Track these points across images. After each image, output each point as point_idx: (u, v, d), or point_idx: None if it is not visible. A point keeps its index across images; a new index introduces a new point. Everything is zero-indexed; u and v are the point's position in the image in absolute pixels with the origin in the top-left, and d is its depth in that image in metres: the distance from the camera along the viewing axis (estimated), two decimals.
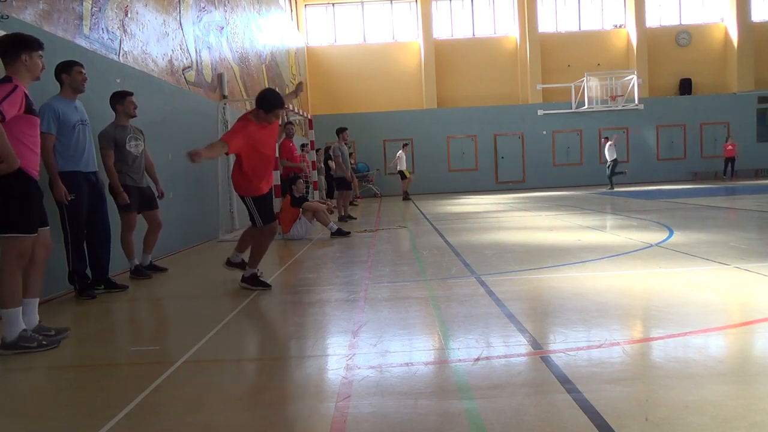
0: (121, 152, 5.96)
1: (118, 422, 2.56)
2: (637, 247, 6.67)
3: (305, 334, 3.92)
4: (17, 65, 3.72)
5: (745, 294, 4.40)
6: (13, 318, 3.60)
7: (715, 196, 14.43)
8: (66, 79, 5.05)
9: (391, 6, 24.98)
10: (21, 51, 3.72)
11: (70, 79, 5.06)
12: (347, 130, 12.67)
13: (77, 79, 5.08)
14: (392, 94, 24.46)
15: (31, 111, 3.72)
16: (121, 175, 6.02)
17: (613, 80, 22.84)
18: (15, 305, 3.62)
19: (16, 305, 3.62)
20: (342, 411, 2.54)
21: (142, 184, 6.30)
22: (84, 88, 5.19)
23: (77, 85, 5.11)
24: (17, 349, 3.60)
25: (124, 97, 6.05)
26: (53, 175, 4.93)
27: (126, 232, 6.14)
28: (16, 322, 3.61)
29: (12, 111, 3.50)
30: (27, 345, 3.62)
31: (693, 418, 2.30)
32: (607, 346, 3.25)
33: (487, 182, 23.55)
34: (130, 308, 5.17)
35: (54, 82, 5.06)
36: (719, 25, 24.73)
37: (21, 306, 3.67)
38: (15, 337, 3.60)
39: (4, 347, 3.61)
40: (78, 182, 5.12)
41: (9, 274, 3.59)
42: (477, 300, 4.48)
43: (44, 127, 4.63)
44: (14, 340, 3.60)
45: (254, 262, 5.38)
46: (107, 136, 5.91)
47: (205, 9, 10.86)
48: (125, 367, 3.49)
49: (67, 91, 5.07)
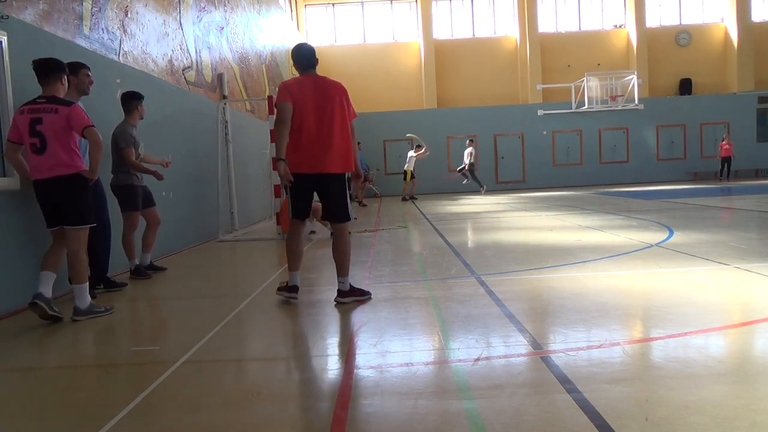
0: (136, 151, 6.05)
1: (118, 422, 2.57)
2: (637, 247, 6.67)
3: (305, 334, 3.92)
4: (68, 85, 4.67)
5: (745, 294, 4.40)
6: (85, 291, 4.53)
7: (715, 196, 14.42)
8: (73, 80, 5.03)
9: (391, 6, 24.99)
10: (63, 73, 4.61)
11: (77, 81, 5.10)
12: None
13: (84, 81, 5.15)
14: (392, 94, 24.47)
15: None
16: (128, 175, 6.10)
17: (613, 80, 22.84)
18: (85, 281, 4.55)
19: (85, 281, 4.55)
20: (342, 411, 2.54)
21: (143, 182, 6.35)
22: (90, 91, 5.26)
23: (83, 88, 5.18)
24: (90, 314, 4.51)
25: (141, 99, 6.20)
26: None
27: (128, 232, 6.18)
28: (87, 294, 4.54)
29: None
30: (97, 310, 4.57)
31: (693, 418, 2.30)
32: (607, 346, 3.25)
33: (487, 182, 23.51)
34: (130, 308, 5.17)
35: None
36: (719, 25, 24.74)
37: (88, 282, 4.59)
38: (87, 305, 4.52)
39: (80, 314, 4.47)
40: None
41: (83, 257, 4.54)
42: (477, 300, 4.48)
43: None
44: (88, 308, 4.52)
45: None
46: (126, 134, 5.99)
47: (205, 9, 10.86)
48: (125, 367, 3.49)
49: (72, 92, 5.04)
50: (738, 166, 22.46)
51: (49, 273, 4.46)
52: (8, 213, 4.87)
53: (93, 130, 4.42)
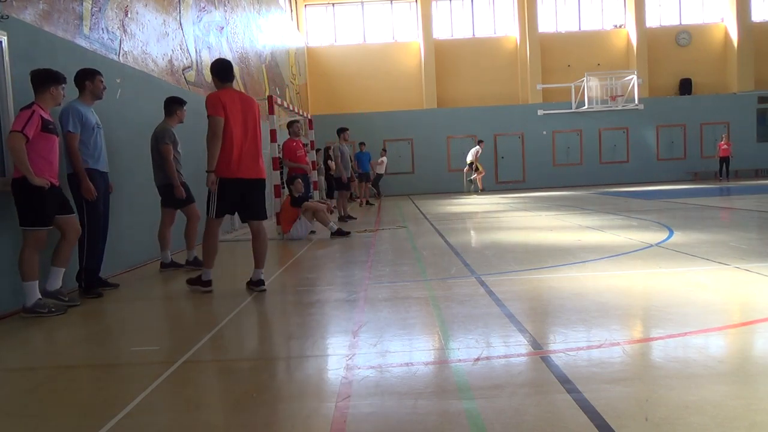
0: (175, 150, 6.60)
1: (118, 422, 2.56)
2: (637, 247, 6.67)
3: (305, 334, 3.92)
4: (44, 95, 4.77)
5: (745, 294, 4.40)
6: (31, 289, 4.60)
7: (715, 196, 14.42)
8: (89, 86, 5.38)
9: (391, 6, 24.98)
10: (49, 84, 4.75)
11: (93, 87, 5.41)
12: (348, 130, 12.67)
13: (99, 87, 5.46)
14: (392, 94, 24.46)
15: (47, 130, 4.67)
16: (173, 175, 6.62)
17: (613, 80, 22.84)
18: (32, 279, 4.60)
19: (33, 279, 4.60)
20: (342, 411, 2.54)
21: (183, 179, 6.79)
22: (103, 96, 5.56)
23: (98, 93, 5.48)
24: (33, 313, 4.58)
25: (183, 104, 6.81)
26: (80, 173, 5.23)
27: (164, 227, 6.74)
28: (33, 292, 4.61)
29: (30, 132, 4.54)
30: (40, 311, 4.60)
31: (693, 418, 2.30)
32: (607, 346, 3.25)
33: (487, 182, 23.53)
34: (130, 308, 5.16)
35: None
36: (719, 25, 24.73)
37: (37, 280, 4.62)
38: (32, 303, 4.60)
39: (24, 311, 4.61)
40: (96, 179, 5.38)
41: (28, 256, 4.61)
42: (477, 300, 4.48)
43: (70, 127, 5.15)
44: (31, 306, 4.60)
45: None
46: (168, 132, 6.57)
47: (205, 9, 10.86)
48: (125, 367, 3.49)
49: (87, 96, 5.40)
50: (738, 166, 22.46)
51: (53, 268, 4.90)
52: (8, 213, 4.87)
53: (11, 135, 4.52)
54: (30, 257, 4.63)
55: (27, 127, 4.51)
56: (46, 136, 4.69)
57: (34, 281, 4.63)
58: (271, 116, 9.77)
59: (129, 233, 6.94)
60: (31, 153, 4.57)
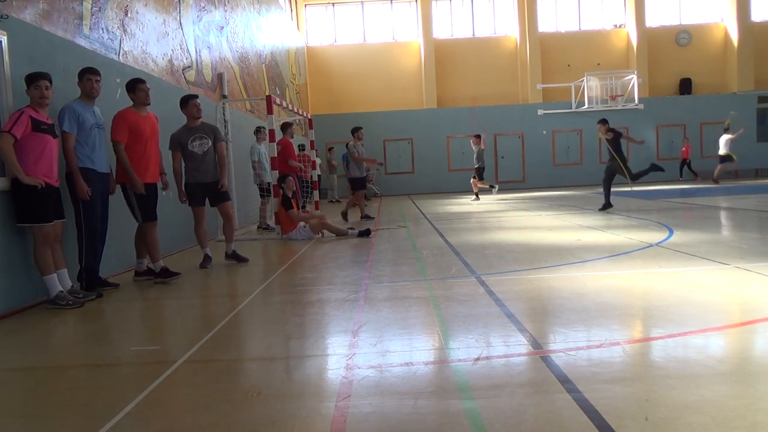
0: (185, 152, 6.76)
1: (118, 422, 2.57)
2: (637, 247, 6.67)
3: (305, 334, 3.92)
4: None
5: (745, 294, 4.40)
6: (50, 282, 4.85)
7: (715, 196, 14.42)
8: (80, 85, 5.45)
9: (391, 6, 24.97)
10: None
11: (83, 85, 5.44)
12: (362, 129, 12.62)
13: (87, 85, 5.45)
14: (392, 94, 24.44)
15: (40, 130, 4.76)
16: (186, 174, 6.81)
17: (613, 80, 22.82)
18: (49, 273, 4.82)
19: (49, 272, 4.82)
20: (342, 411, 2.54)
21: (207, 179, 6.83)
22: (94, 94, 5.50)
23: (88, 91, 5.47)
24: (54, 305, 4.83)
25: (187, 101, 6.85)
26: (74, 172, 5.24)
27: (196, 225, 6.95)
28: (53, 285, 4.86)
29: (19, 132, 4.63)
30: (59, 302, 4.84)
31: (693, 418, 2.30)
32: (607, 346, 3.25)
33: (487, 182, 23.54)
34: (130, 308, 5.17)
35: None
36: (719, 25, 24.72)
37: (54, 273, 4.85)
38: (54, 296, 4.85)
39: (48, 302, 4.87)
40: (92, 180, 5.36)
41: (39, 252, 4.81)
42: (477, 300, 4.48)
43: (66, 127, 5.19)
44: (53, 298, 4.85)
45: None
46: (173, 139, 6.83)
47: (205, 9, 10.86)
48: (125, 367, 3.49)
49: (84, 96, 5.45)
50: (738, 166, 22.39)
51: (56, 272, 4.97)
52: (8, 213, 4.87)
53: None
54: (41, 252, 4.78)
55: (15, 127, 4.59)
56: (38, 136, 4.74)
57: (52, 274, 4.82)
58: (269, 116, 9.76)
59: (129, 233, 6.92)
60: (22, 153, 4.64)
